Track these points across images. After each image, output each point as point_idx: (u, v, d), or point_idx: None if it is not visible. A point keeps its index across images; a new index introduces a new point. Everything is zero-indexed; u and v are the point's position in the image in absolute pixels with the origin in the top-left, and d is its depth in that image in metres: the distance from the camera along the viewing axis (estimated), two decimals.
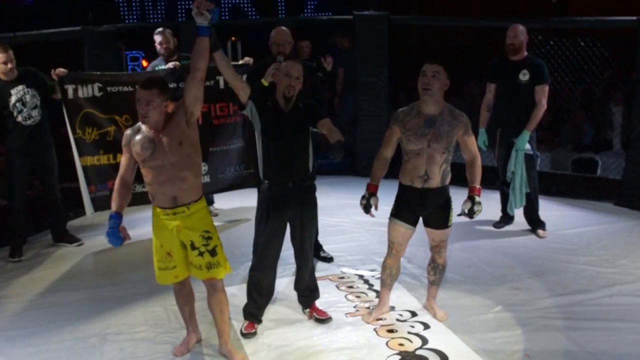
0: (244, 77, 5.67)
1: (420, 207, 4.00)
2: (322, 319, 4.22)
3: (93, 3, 7.44)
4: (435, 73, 3.78)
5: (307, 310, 4.30)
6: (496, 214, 5.94)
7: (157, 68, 5.93)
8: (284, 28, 4.90)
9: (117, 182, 3.60)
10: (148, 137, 3.49)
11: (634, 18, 6.29)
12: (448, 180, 4.01)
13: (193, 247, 3.60)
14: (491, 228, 5.89)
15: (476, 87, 9.01)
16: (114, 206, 3.54)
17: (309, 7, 12.40)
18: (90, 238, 5.85)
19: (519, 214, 5.82)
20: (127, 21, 11.14)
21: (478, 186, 3.98)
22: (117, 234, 3.46)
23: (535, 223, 5.74)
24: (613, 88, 8.44)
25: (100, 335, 4.10)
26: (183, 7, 11.71)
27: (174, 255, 3.64)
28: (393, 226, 4.04)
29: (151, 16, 11.51)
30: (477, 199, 3.94)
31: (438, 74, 3.78)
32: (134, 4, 11.49)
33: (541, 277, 4.84)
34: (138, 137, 3.52)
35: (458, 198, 4.06)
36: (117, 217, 3.51)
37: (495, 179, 5.82)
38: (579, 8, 9.08)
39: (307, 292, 4.29)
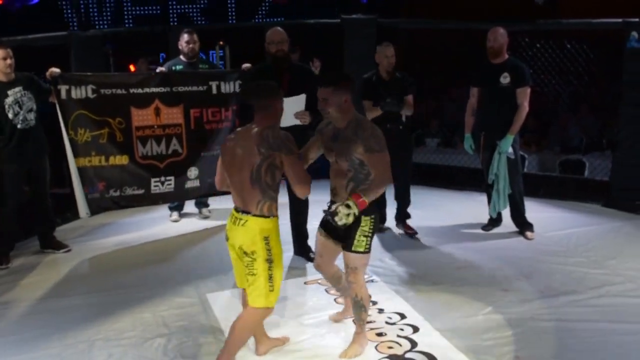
0: (238, 82, 5.74)
1: None
2: (411, 233, 5.79)
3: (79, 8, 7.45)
4: (324, 99, 3.53)
5: (401, 224, 5.84)
6: (484, 216, 5.95)
7: (174, 68, 6.02)
8: (279, 28, 4.90)
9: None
10: None
11: (620, 20, 6.33)
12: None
13: None
14: (480, 231, 5.90)
15: (465, 89, 9.05)
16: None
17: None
18: (78, 244, 5.82)
19: (507, 217, 5.83)
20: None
21: (362, 197, 3.44)
22: None
23: (522, 225, 5.76)
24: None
25: (89, 341, 4.07)
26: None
27: None
28: (316, 233, 3.87)
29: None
30: (349, 202, 3.43)
31: (327, 99, 3.51)
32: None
33: (530, 279, 4.85)
34: None
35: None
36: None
37: (482, 181, 5.84)
38: (569, 10, 9.13)
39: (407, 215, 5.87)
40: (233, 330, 3.54)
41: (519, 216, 5.76)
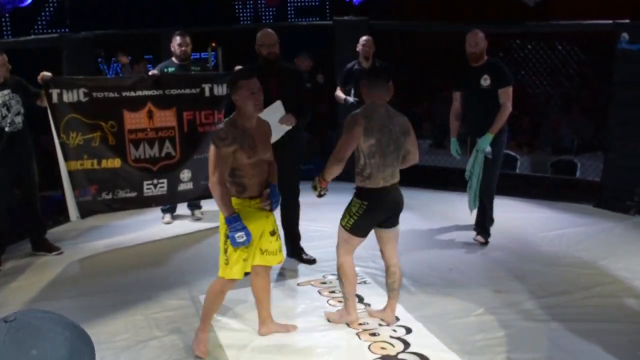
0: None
1: None
2: None
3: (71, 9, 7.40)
4: None
5: None
6: None
7: (166, 70, 5.98)
8: (269, 30, 4.91)
9: (220, 188, 3.58)
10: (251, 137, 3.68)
11: (610, 22, 6.36)
12: (357, 181, 3.97)
13: (273, 233, 3.84)
14: (471, 232, 5.89)
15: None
16: (229, 212, 3.58)
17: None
18: (70, 246, 5.80)
19: (498, 218, 5.82)
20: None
21: (320, 176, 3.96)
22: (247, 231, 3.59)
23: (479, 226, 5.70)
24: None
25: None
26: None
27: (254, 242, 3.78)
28: None
29: None
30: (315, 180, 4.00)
31: None
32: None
33: (522, 280, 4.86)
34: (242, 137, 3.64)
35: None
36: (238, 216, 3.59)
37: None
38: (565, 10, 9.18)
39: None
40: (268, 294, 4.03)
41: (480, 214, 5.70)
